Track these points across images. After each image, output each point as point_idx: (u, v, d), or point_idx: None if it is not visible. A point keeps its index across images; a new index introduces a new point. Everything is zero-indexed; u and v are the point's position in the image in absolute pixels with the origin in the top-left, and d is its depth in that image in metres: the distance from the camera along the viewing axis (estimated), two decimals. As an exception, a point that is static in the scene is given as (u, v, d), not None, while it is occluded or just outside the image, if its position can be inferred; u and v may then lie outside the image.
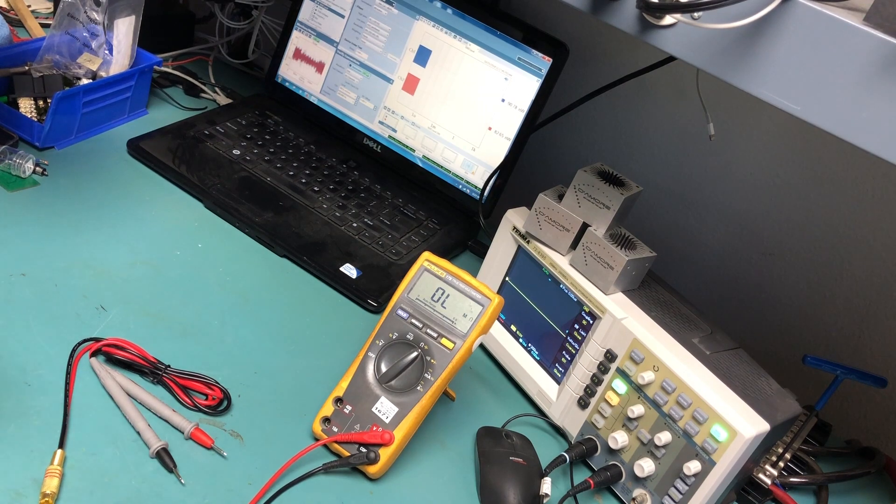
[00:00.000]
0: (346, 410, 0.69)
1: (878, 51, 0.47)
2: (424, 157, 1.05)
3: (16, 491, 0.58)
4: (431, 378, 0.68)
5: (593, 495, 0.74)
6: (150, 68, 1.02)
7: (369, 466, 0.67)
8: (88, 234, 0.83)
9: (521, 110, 0.98)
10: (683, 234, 1.06)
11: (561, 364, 0.79)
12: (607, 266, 0.74)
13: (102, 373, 0.68)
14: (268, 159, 1.01)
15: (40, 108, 0.95)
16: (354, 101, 1.08)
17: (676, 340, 0.71)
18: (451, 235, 1.00)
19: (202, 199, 0.93)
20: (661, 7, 0.53)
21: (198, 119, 1.05)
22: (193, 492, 0.62)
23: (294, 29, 1.11)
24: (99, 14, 0.97)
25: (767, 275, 1.01)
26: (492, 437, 0.74)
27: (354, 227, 0.95)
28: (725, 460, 0.65)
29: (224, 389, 0.70)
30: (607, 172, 0.77)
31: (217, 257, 0.87)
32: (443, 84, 1.02)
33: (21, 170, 0.87)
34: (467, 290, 0.70)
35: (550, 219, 0.78)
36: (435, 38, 1.01)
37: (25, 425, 0.62)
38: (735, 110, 0.97)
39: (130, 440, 0.64)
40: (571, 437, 0.78)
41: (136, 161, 0.96)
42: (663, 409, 0.69)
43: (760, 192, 0.99)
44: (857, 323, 0.96)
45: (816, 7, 0.49)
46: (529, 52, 0.96)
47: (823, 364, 0.82)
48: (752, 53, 0.52)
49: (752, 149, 0.98)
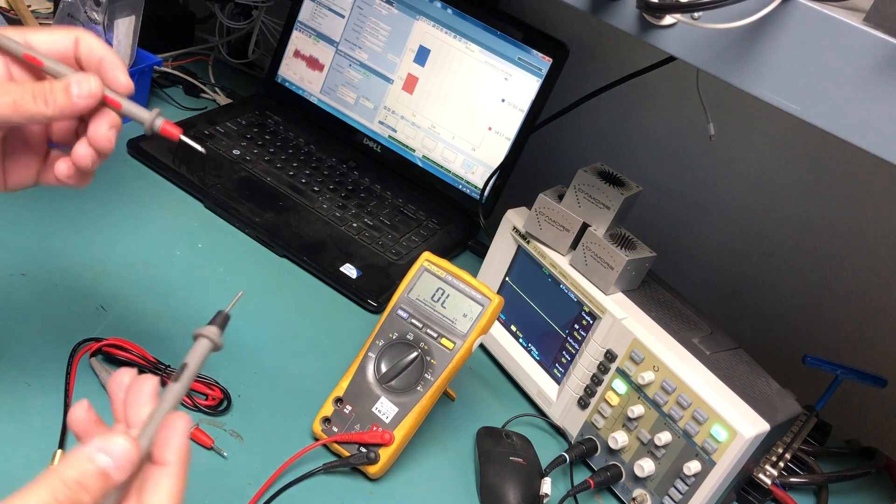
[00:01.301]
0: (346, 410, 0.69)
1: (878, 51, 0.47)
2: (424, 157, 1.05)
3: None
4: (431, 378, 0.68)
5: (593, 495, 0.74)
6: (150, 68, 1.02)
7: (369, 466, 0.67)
8: (88, 234, 0.83)
9: (521, 110, 0.98)
10: (683, 234, 1.06)
11: (561, 364, 0.79)
12: (607, 266, 0.74)
13: (102, 373, 0.68)
14: (268, 159, 1.01)
15: (40, 108, 0.95)
16: (354, 101, 1.08)
17: (676, 340, 0.71)
18: (451, 235, 1.00)
19: (202, 199, 0.93)
20: (661, 7, 0.53)
21: (198, 119, 1.05)
22: (193, 492, 0.62)
23: (294, 29, 1.11)
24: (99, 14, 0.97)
25: (767, 274, 1.01)
26: (492, 437, 0.74)
27: (354, 227, 0.95)
28: (725, 460, 0.65)
29: (224, 389, 0.70)
30: (607, 172, 0.77)
31: (217, 257, 0.87)
32: (443, 84, 1.02)
33: (21, 170, 0.87)
34: (467, 290, 0.70)
35: (550, 219, 0.78)
36: (435, 38, 1.01)
37: (25, 425, 0.62)
38: (735, 110, 0.97)
39: (130, 440, 0.64)
40: (571, 437, 0.78)
41: (136, 161, 0.96)
42: (663, 409, 0.69)
43: (760, 193, 0.99)
44: (857, 323, 0.96)
45: (816, 7, 0.49)
46: (529, 52, 0.96)
47: (823, 364, 0.82)
48: (752, 53, 0.52)
49: (752, 149, 0.98)
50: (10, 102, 0.47)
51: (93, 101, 0.50)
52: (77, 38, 0.51)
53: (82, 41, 0.51)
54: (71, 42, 0.51)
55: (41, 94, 0.48)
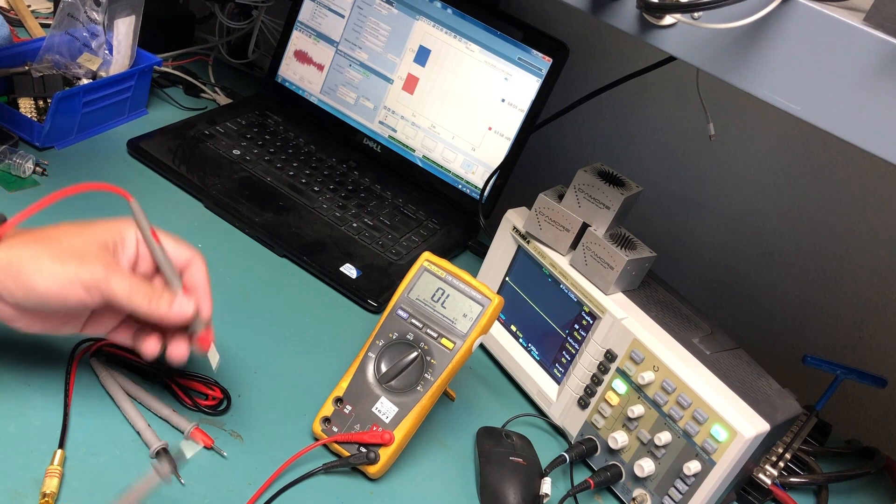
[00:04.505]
0: (346, 410, 0.69)
1: (878, 51, 0.47)
2: (424, 157, 1.05)
3: (16, 491, 0.58)
4: (431, 378, 0.68)
5: (593, 495, 0.74)
6: (150, 68, 1.02)
7: (369, 466, 0.67)
8: (88, 234, 0.83)
9: (521, 110, 0.98)
10: (683, 234, 1.06)
11: (561, 364, 0.79)
12: (607, 266, 0.74)
13: (102, 373, 0.68)
14: (268, 159, 1.01)
15: (40, 108, 0.95)
16: (354, 101, 1.08)
17: (676, 340, 0.71)
18: (451, 235, 1.00)
19: (202, 199, 0.93)
20: (661, 7, 0.53)
21: (198, 119, 1.05)
22: (193, 492, 0.62)
23: (294, 29, 1.11)
24: (99, 14, 0.97)
25: (767, 274, 1.01)
26: (492, 437, 0.74)
27: (354, 227, 0.95)
28: (725, 460, 0.65)
29: (224, 389, 0.70)
30: (607, 172, 0.77)
31: (217, 257, 0.87)
32: (443, 84, 1.02)
33: (21, 170, 0.87)
34: (467, 290, 0.70)
35: (550, 219, 0.78)
36: (435, 38, 1.01)
37: (25, 425, 0.62)
38: (735, 110, 0.97)
39: (130, 440, 0.64)
40: (571, 437, 0.78)
41: (136, 161, 0.96)
42: (663, 409, 0.69)
43: (760, 193, 0.99)
44: (857, 323, 0.96)
45: (816, 7, 0.49)
46: (529, 52, 0.96)
47: (823, 364, 0.82)
48: (752, 53, 0.52)
49: (752, 149, 0.98)
50: (127, 291, 0.56)
51: (182, 321, 0.59)
52: (193, 259, 0.63)
53: (195, 264, 0.63)
54: (187, 258, 0.62)
55: (150, 295, 0.58)
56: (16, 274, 0.54)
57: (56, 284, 0.55)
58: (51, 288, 0.55)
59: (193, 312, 0.60)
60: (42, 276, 0.54)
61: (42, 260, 0.55)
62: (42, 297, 0.55)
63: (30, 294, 0.55)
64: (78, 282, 0.55)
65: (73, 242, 0.56)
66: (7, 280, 0.54)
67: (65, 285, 0.55)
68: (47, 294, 0.55)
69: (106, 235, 0.59)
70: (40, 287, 0.54)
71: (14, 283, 0.54)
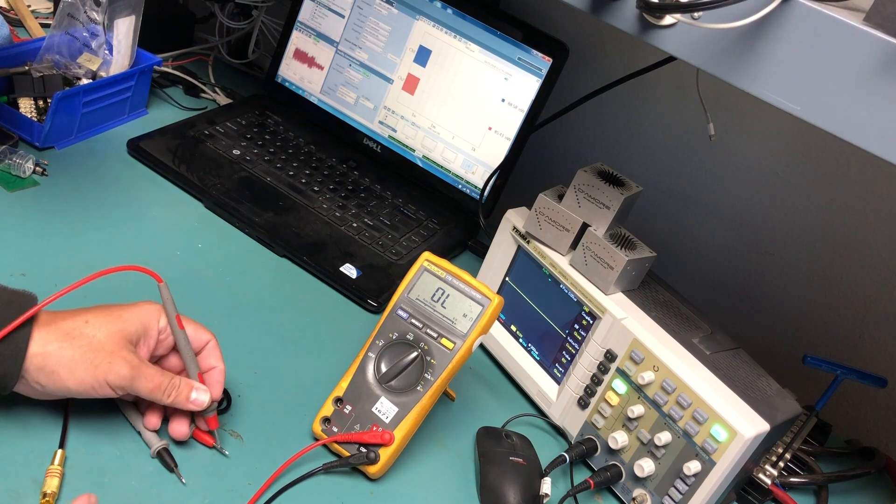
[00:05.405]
0: (346, 410, 0.69)
1: (878, 51, 0.47)
2: (424, 157, 1.05)
3: (16, 491, 0.58)
4: (431, 378, 0.68)
5: (593, 495, 0.74)
6: (150, 68, 1.02)
7: (369, 466, 0.67)
8: (88, 234, 0.83)
9: (521, 110, 0.98)
10: (683, 234, 1.06)
11: (561, 364, 0.79)
12: (607, 266, 0.74)
13: (102, 373, 0.68)
14: (268, 159, 1.01)
15: (40, 108, 0.95)
16: (354, 101, 1.08)
17: (676, 340, 0.71)
18: (451, 235, 1.00)
19: (202, 199, 0.93)
20: (661, 7, 0.53)
21: (198, 119, 1.05)
22: (194, 491, 0.62)
23: (294, 29, 1.11)
24: (99, 14, 0.97)
25: (767, 274, 1.01)
26: (492, 437, 0.74)
27: (354, 227, 0.95)
28: (725, 460, 0.65)
29: (224, 389, 0.70)
30: (607, 172, 0.77)
31: (217, 257, 0.87)
32: (443, 84, 1.02)
33: (21, 170, 0.87)
34: (467, 290, 0.70)
35: (550, 219, 0.78)
36: (435, 38, 1.01)
37: (25, 425, 0.62)
38: (735, 110, 0.97)
39: (130, 440, 0.64)
40: (571, 437, 0.78)
41: (136, 161, 0.96)
42: (663, 409, 0.69)
43: (760, 193, 0.99)
44: (857, 323, 0.96)
45: (816, 7, 0.49)
46: (529, 52, 0.96)
47: (823, 364, 0.81)
48: (752, 53, 0.52)
49: (752, 149, 0.98)
50: (149, 389, 0.61)
51: (197, 409, 0.64)
52: (211, 342, 0.67)
53: (211, 347, 0.67)
54: (205, 341, 0.67)
55: (170, 392, 0.62)
56: (49, 373, 0.59)
57: (87, 386, 0.60)
58: (81, 388, 0.60)
59: (209, 403, 0.64)
60: (74, 379, 0.59)
61: (76, 364, 0.59)
62: (72, 393, 0.60)
63: (61, 389, 0.60)
64: (106, 384, 0.60)
65: (100, 337, 0.61)
66: (41, 377, 0.59)
67: (94, 386, 0.60)
68: (77, 391, 0.60)
69: (130, 328, 0.62)
70: (71, 386, 0.59)
71: (47, 380, 0.59)
